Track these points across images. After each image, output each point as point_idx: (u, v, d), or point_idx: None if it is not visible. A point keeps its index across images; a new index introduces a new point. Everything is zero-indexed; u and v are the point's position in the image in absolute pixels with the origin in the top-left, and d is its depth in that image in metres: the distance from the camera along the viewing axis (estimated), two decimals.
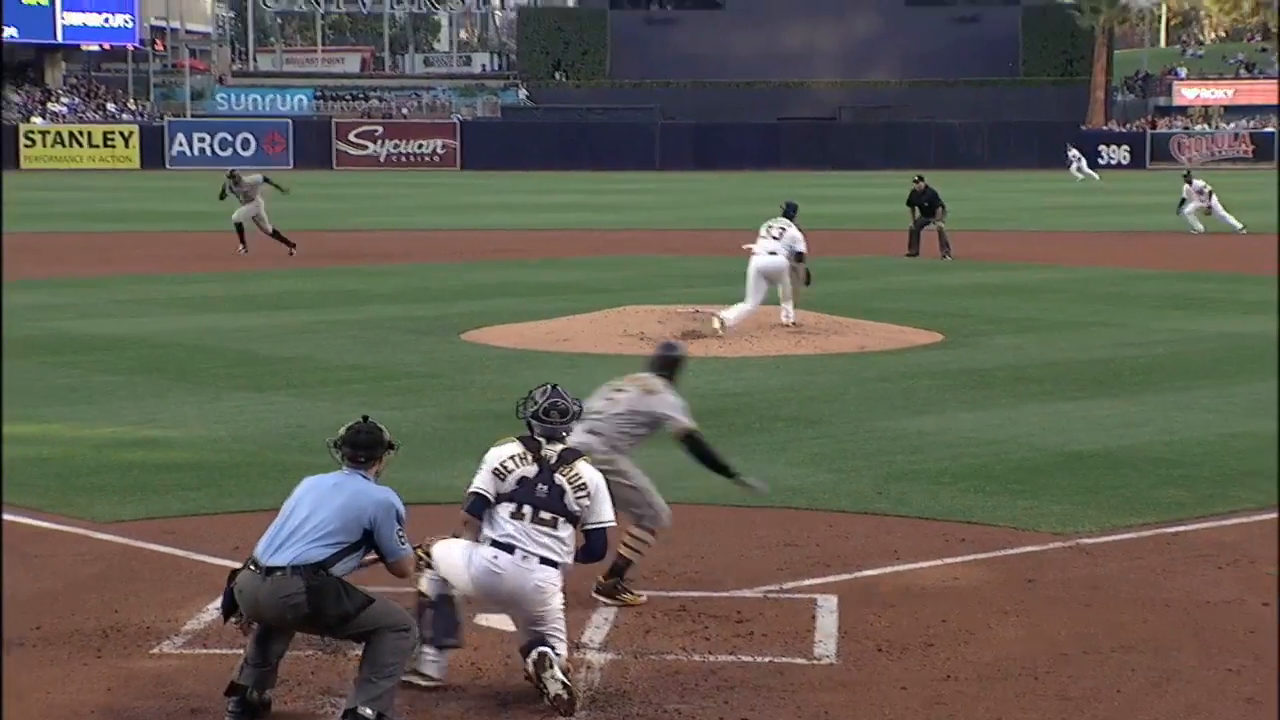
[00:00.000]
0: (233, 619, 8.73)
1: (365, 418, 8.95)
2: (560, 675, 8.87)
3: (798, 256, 23.46)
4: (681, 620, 10.44)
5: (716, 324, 22.69)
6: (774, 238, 23.46)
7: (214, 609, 10.37)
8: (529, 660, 8.99)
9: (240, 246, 36.14)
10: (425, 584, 9.32)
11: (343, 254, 37.51)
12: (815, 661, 9.72)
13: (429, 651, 9.18)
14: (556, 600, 9.12)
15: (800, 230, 23.80)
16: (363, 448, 8.79)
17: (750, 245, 23.81)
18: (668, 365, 11.45)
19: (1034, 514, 13.06)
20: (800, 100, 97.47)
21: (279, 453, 15.31)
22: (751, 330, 22.93)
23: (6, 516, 12.88)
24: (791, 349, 22.11)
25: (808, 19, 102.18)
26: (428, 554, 9.27)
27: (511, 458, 9.24)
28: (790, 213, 24.01)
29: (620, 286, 29.38)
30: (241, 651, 8.82)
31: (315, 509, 8.62)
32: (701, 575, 11.46)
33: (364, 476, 8.77)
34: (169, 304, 27.37)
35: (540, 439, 9.32)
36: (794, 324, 23.28)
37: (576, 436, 9.99)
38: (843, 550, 12.06)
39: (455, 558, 9.20)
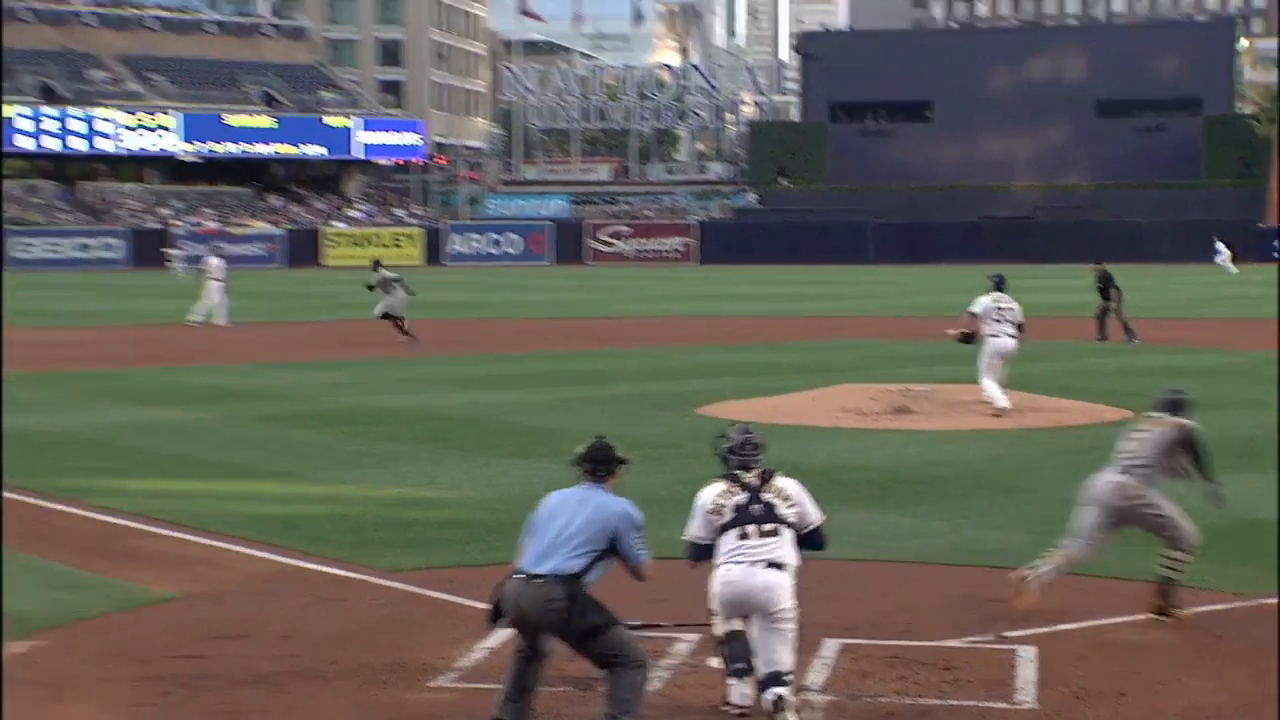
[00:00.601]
0: (497, 624, 8.71)
1: (600, 437, 8.97)
2: (792, 717, 8.81)
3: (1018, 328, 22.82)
4: (894, 667, 10.26)
5: (999, 407, 21.98)
6: (1011, 321, 22.65)
7: (484, 649, 10.45)
8: (766, 699, 8.93)
9: (403, 336, 35.03)
10: (716, 626, 9.32)
11: (593, 337, 37.81)
12: (1016, 706, 9.49)
13: (732, 682, 9.18)
14: (788, 601, 9.12)
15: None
16: (600, 463, 8.83)
17: (951, 330, 23.44)
18: (1176, 406, 11.77)
19: (1219, 576, 12.62)
20: (1000, 201, 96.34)
21: None
22: (953, 407, 22.60)
23: (311, 565, 13.15)
24: (991, 424, 21.71)
25: (1007, 130, 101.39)
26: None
27: (720, 494, 9.33)
28: (1002, 284, 23.20)
29: (837, 367, 29.18)
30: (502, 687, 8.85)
31: (568, 522, 8.63)
32: (912, 626, 11.26)
33: (604, 490, 8.77)
34: (443, 381, 27.76)
35: (737, 471, 9.38)
36: (1006, 409, 22.09)
37: (1109, 476, 11.26)
38: (1040, 606, 11.77)
39: (710, 589, 9.31)
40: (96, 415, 23.07)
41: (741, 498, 9.25)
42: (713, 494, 9.34)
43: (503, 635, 9.45)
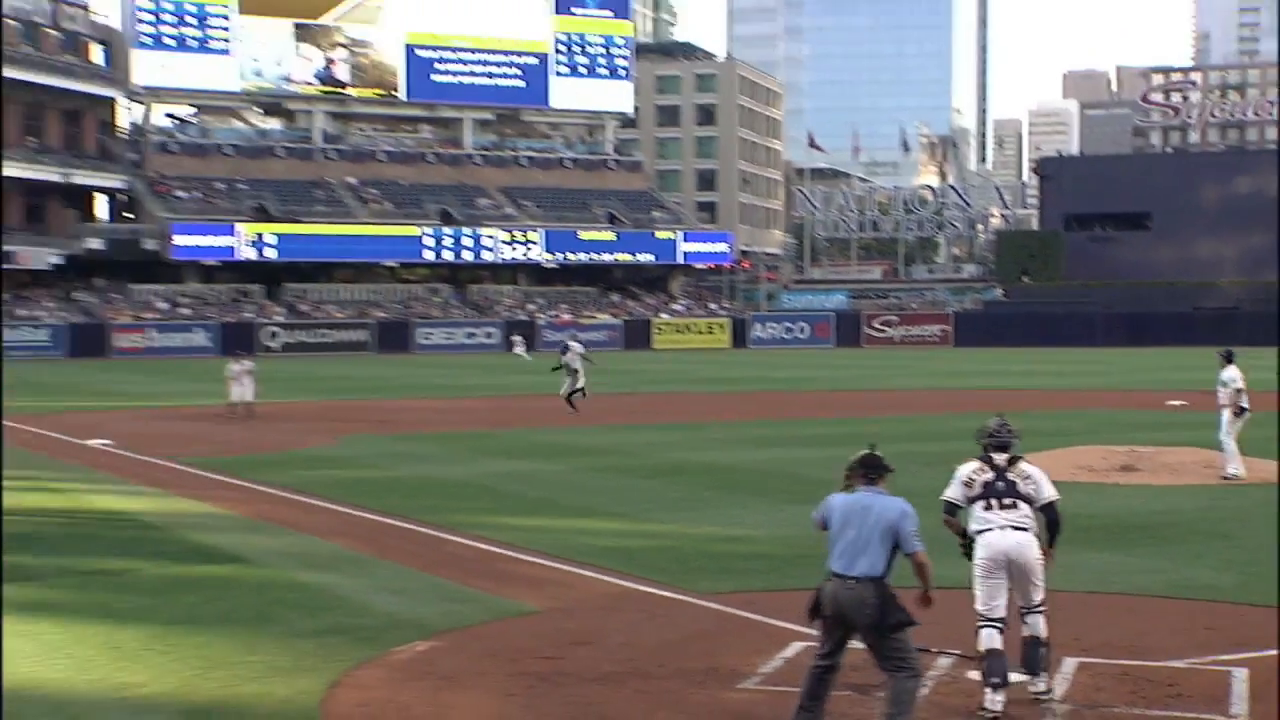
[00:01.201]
0: (815, 618, 8.49)
1: (872, 446, 8.76)
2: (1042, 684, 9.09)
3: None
4: (1124, 682, 9.82)
5: (1230, 473, 20.47)
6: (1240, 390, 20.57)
7: (782, 659, 10.36)
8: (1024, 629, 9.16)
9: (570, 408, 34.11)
10: (980, 640, 9.12)
11: (868, 406, 37.36)
12: (1232, 719, 8.98)
13: (988, 691, 8.97)
14: (1035, 557, 9.14)
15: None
16: (874, 469, 8.64)
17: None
18: None
19: None
20: (1209, 294, 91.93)
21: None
22: (1172, 466, 21.60)
23: (644, 587, 13.25)
24: (1208, 480, 20.68)
25: (1215, 234, 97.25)
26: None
27: (974, 470, 9.37)
28: (1231, 358, 21.07)
29: (1072, 431, 28.20)
30: (798, 689, 8.75)
31: (860, 526, 8.38)
32: (1139, 648, 10.76)
33: (880, 491, 8.55)
34: (747, 441, 27.75)
35: (991, 454, 9.35)
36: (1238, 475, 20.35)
37: None
38: (1251, 634, 11.14)
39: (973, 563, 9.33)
40: (480, 466, 23.76)
41: (989, 476, 9.27)
42: (968, 469, 9.41)
43: (800, 646, 9.35)
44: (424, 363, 66.61)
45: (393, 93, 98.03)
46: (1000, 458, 9.31)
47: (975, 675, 9.34)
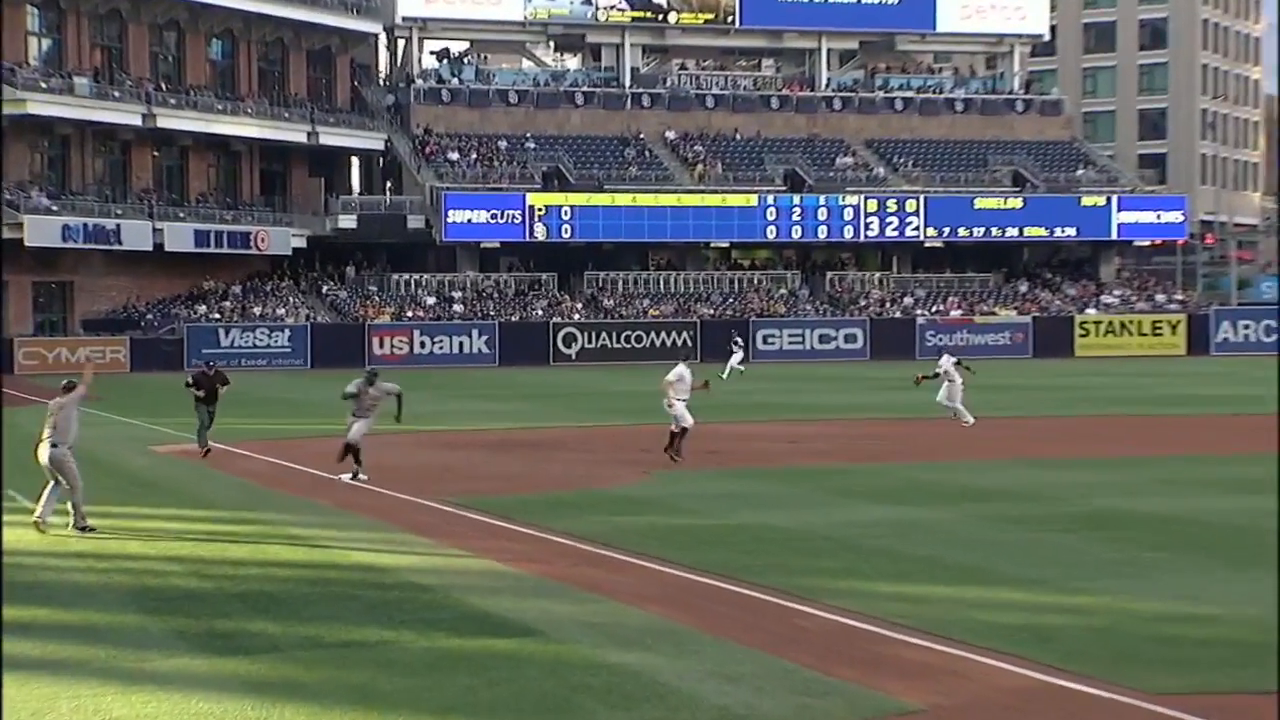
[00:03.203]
0: None
1: None
2: None
3: None
4: None
5: None
6: None
7: None
8: None
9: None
10: None
11: None
12: None
13: None
14: None
15: None
16: None
17: None
18: None
19: None
20: None
21: None
22: None
23: (1066, 683, 13.01)
24: None
25: None
26: None
27: None
28: None
29: None
30: None
31: None
32: None
33: None
34: (1208, 483, 26.87)
35: None
36: None
37: None
38: None
39: None
40: (838, 512, 23.80)
41: None
42: None
43: None
44: (766, 375, 67.19)
45: (726, 18, 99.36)
46: None
47: None
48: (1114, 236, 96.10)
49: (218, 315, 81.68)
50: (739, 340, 71.46)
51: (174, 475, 30.29)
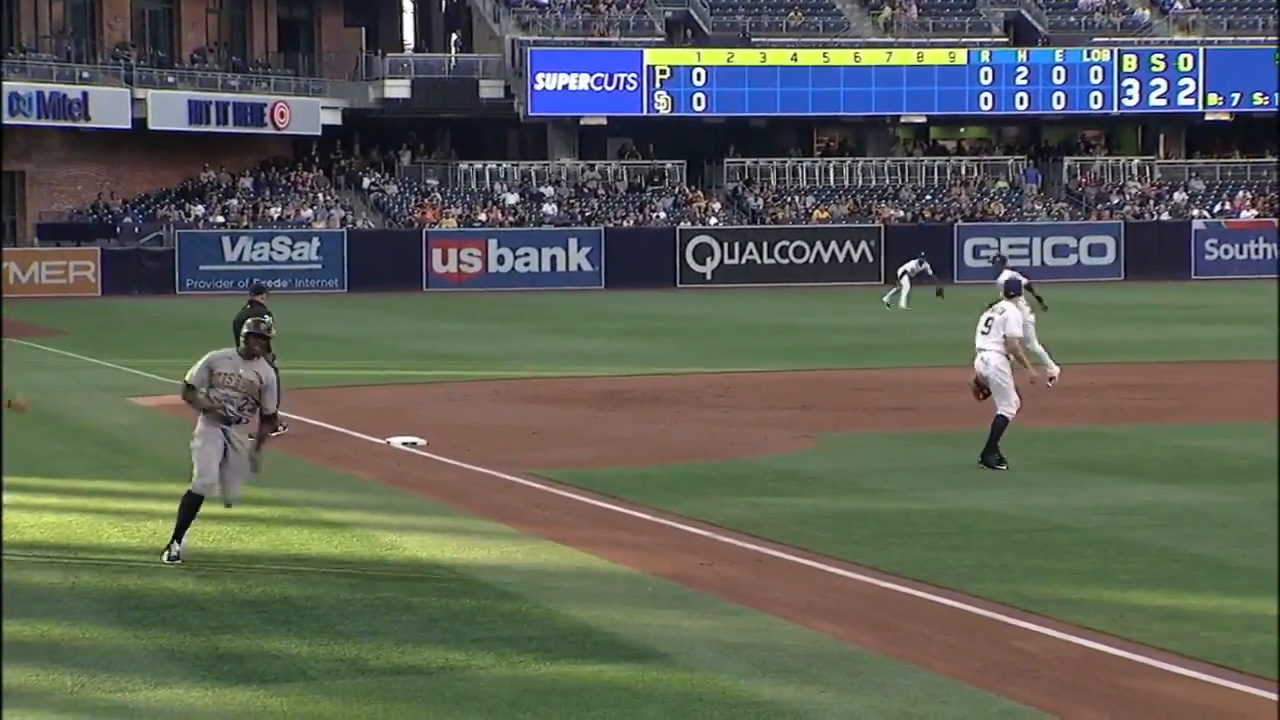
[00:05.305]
0: None
1: None
2: None
3: None
4: None
5: None
6: None
7: None
8: None
9: None
10: None
11: None
12: None
13: None
14: None
15: None
16: None
17: None
18: None
19: None
20: None
21: None
22: None
23: None
24: None
25: None
26: None
27: None
28: None
29: None
30: None
31: None
32: None
33: None
34: None
35: None
36: None
37: None
38: None
39: None
40: (1079, 493, 23.68)
41: None
42: None
43: None
44: (977, 301, 66.87)
45: None
46: None
47: None
48: None
49: (221, 219, 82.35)
50: (923, 261, 68.46)
51: (162, 438, 30.55)
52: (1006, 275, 36.92)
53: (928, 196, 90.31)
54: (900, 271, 66.52)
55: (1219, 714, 13.56)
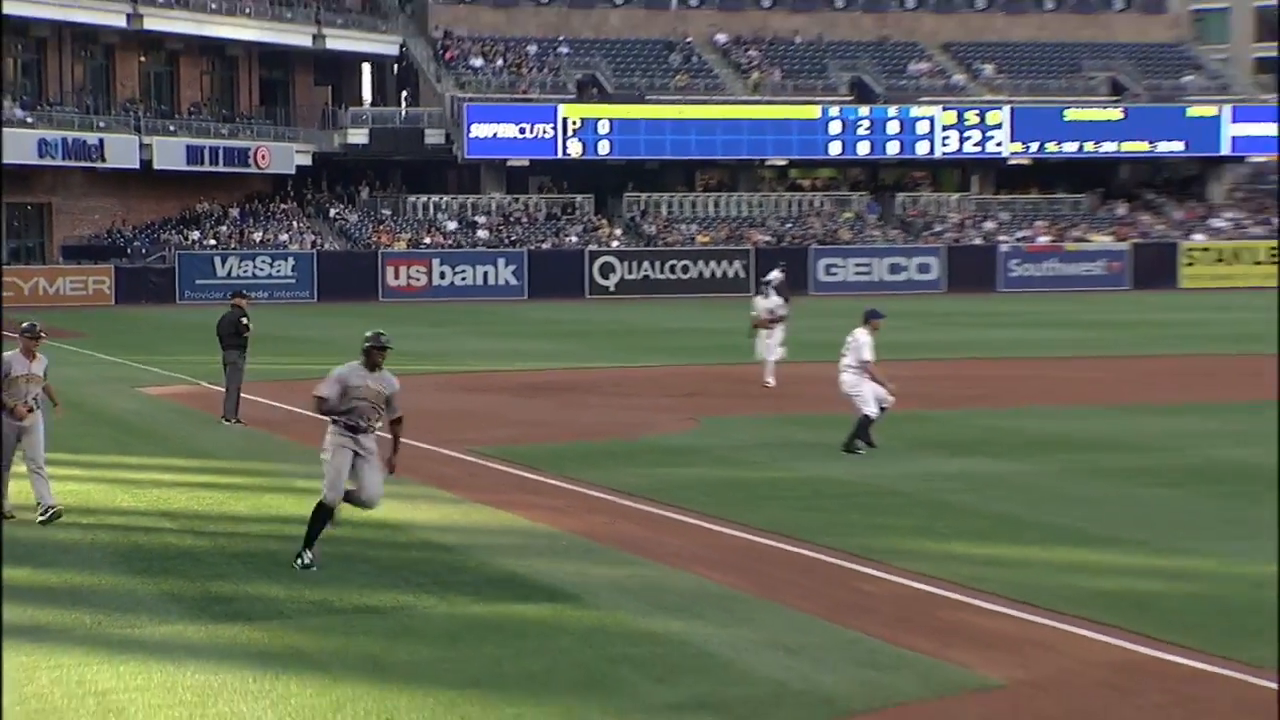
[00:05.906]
0: None
1: None
2: None
3: None
4: None
5: None
6: None
7: None
8: None
9: None
10: None
11: None
12: None
13: None
14: None
15: None
16: None
17: None
18: None
19: None
20: None
21: None
22: None
23: (1168, 656, 13.03)
24: None
25: None
26: None
27: None
28: None
29: None
30: None
31: None
32: None
33: None
34: None
35: None
36: None
37: None
38: None
39: None
40: (912, 465, 23.82)
41: None
42: None
43: None
44: (821, 309, 67.07)
45: None
46: None
47: None
48: (1225, 151, 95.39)
49: (213, 242, 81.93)
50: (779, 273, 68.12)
51: (166, 420, 30.45)
52: (775, 274, 37.95)
53: (789, 225, 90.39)
54: (764, 280, 66.30)
55: (1019, 640, 13.65)
